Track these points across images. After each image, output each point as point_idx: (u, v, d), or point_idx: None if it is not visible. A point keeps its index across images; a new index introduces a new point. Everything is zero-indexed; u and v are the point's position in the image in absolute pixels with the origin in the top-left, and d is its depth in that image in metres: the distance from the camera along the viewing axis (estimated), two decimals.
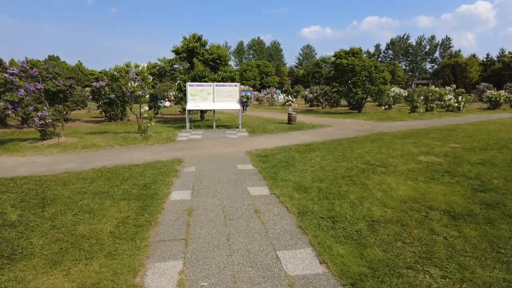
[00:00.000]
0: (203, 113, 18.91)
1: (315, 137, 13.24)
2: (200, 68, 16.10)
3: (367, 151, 10.01)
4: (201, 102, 15.31)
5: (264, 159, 9.03)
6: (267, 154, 9.72)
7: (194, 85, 15.28)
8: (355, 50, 25.36)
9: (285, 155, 9.43)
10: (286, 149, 10.56)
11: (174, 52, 17.61)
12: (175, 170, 7.67)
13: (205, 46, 17.91)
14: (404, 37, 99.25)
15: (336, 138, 12.87)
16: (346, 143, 11.58)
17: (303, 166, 8.01)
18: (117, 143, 11.48)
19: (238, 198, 5.68)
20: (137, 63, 12.32)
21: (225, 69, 16.88)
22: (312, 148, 10.60)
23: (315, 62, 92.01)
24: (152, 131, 13.81)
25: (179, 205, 5.38)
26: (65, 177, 7.07)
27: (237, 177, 7.17)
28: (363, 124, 18.60)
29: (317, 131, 15.45)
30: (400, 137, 13.07)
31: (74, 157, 9.39)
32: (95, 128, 15.86)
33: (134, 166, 8.11)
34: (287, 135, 14.17)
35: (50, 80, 13.41)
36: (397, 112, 27.19)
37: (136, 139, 12.11)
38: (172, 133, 13.93)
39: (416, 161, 8.65)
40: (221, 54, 16.78)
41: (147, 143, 11.72)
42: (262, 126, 16.51)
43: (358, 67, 24.15)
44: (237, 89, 15.48)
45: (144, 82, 12.57)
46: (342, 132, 15.01)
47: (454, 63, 71.63)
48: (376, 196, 5.74)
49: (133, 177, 7.03)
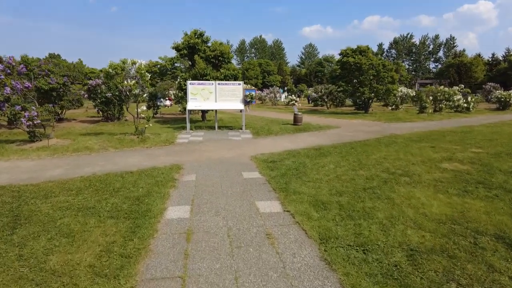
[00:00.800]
0: (205, 113, 18.06)
1: (324, 140, 12.38)
2: (201, 66, 15.23)
3: (384, 157, 9.14)
4: (202, 102, 14.46)
5: (272, 165, 8.18)
6: (274, 159, 8.87)
7: (195, 83, 14.43)
8: (362, 48, 24.43)
9: (295, 161, 8.58)
10: (295, 153, 9.71)
11: (174, 49, 16.72)
12: (173, 179, 6.82)
13: (207, 42, 17.02)
14: (407, 36, 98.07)
15: (347, 141, 12.01)
16: (359, 147, 10.72)
17: (316, 175, 7.15)
18: (112, 146, 10.64)
19: (246, 217, 4.83)
20: (134, 59, 11.48)
21: (228, 67, 16.00)
22: (323, 153, 9.74)
23: (318, 61, 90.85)
24: (150, 133, 12.97)
25: (175, 225, 4.53)
26: (48, 187, 6.23)
27: (243, 188, 6.31)
28: (372, 125, 17.73)
29: (325, 132, 14.59)
30: (415, 140, 12.21)
31: (63, 162, 8.55)
32: (90, 128, 15.03)
33: (128, 173, 7.26)
34: (294, 137, 13.32)
35: (42, 77, 12.57)
36: (405, 112, 26.28)
37: (132, 142, 11.27)
38: (172, 135, 13.09)
39: (441, 169, 7.78)
40: (224, 51, 15.90)
41: (144, 145, 10.88)
42: (267, 127, 15.65)
43: (365, 65, 23.25)
44: (240, 88, 14.63)
45: (142, 80, 11.72)
46: (351, 134, 14.14)
47: (459, 62, 70.54)
48: (407, 214, 4.88)
49: (125, 187, 6.19)
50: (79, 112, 23.30)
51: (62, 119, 17.19)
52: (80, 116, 20.93)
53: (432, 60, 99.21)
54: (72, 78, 15.60)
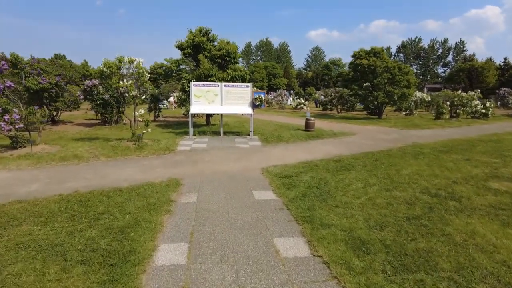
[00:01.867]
0: (209, 117, 16.85)
1: (342, 149, 11.10)
2: (206, 66, 14.04)
3: (417, 172, 7.84)
4: (207, 105, 13.24)
5: (288, 182, 6.91)
6: (289, 173, 7.60)
7: (199, 85, 13.22)
8: (377, 50, 23.10)
9: (314, 176, 7.31)
10: (312, 166, 8.43)
11: (178, 48, 15.53)
12: (168, 201, 5.58)
13: (213, 41, 15.83)
14: (415, 40, 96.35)
15: (368, 151, 10.71)
16: (384, 159, 9.42)
17: (344, 197, 5.87)
18: (105, 154, 9.45)
19: (263, 265, 3.56)
20: (131, 57, 10.31)
21: (235, 67, 14.79)
22: (345, 166, 8.45)
23: (325, 64, 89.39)
24: (149, 139, 11.77)
25: (166, 279, 3.28)
26: (14, 211, 5.02)
27: (256, 215, 5.06)
28: (389, 132, 16.38)
29: (340, 140, 13.29)
30: (444, 151, 10.88)
31: (44, 174, 7.36)
32: (85, 133, 13.88)
33: (116, 191, 6.04)
34: (307, 145, 12.04)
35: (33, 77, 11.45)
36: (420, 118, 24.87)
37: (128, 149, 10.07)
38: (173, 141, 11.87)
39: (491, 190, 6.47)
40: (231, 50, 14.68)
41: (141, 154, 9.67)
42: (276, 133, 14.39)
43: (379, 68, 21.92)
44: (249, 91, 13.39)
45: (141, 79, 10.54)
46: (370, 142, 12.84)
47: (470, 67, 68.80)
48: (480, 263, 3.59)
49: (108, 212, 4.96)
50: (77, 114, 22.19)
51: (57, 122, 16.08)
52: (78, 118, 19.80)
53: (440, 65, 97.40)
54: (67, 77, 14.44)
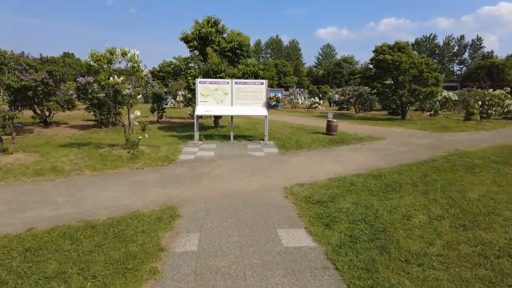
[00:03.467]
0: (218, 118, 15.08)
1: (376, 159, 9.22)
2: (214, 60, 12.26)
3: (489, 195, 5.94)
4: (215, 106, 11.47)
5: (323, 211, 5.10)
6: (322, 196, 5.79)
7: (206, 82, 11.45)
8: (402, 44, 20.97)
9: (356, 202, 5.48)
10: (348, 184, 6.60)
11: (183, 40, 13.79)
12: (157, 250, 3.82)
13: (222, 33, 14.05)
14: (430, 37, 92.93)
15: (409, 162, 8.81)
16: (433, 174, 7.51)
17: (409, 240, 4.03)
18: (90, 166, 7.76)
19: None
20: (124, 48, 8.60)
21: (247, 62, 12.97)
22: (390, 185, 6.59)
23: (336, 62, 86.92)
24: (147, 145, 10.06)
25: None
26: None
27: (288, 281, 3.25)
28: (420, 136, 14.37)
29: (370, 146, 11.39)
30: (500, 162, 8.94)
31: (3, 197, 5.69)
32: (77, 137, 12.25)
33: (86, 229, 4.31)
34: (333, 153, 10.19)
35: (13, 73, 9.85)
36: (446, 119, 22.71)
37: (119, 159, 8.36)
38: (174, 148, 10.14)
39: None
40: (243, 42, 12.85)
41: (134, 165, 7.96)
42: (294, 137, 12.54)
43: (405, 64, 19.82)
44: (263, 89, 11.56)
45: (136, 75, 8.82)
46: (405, 149, 10.90)
47: (490, 64, 65.52)
48: None
49: (60, 276, 3.22)
50: (76, 114, 20.59)
51: (49, 124, 14.53)
52: (75, 119, 18.19)
53: (456, 62, 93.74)
54: (60, 74, 12.86)
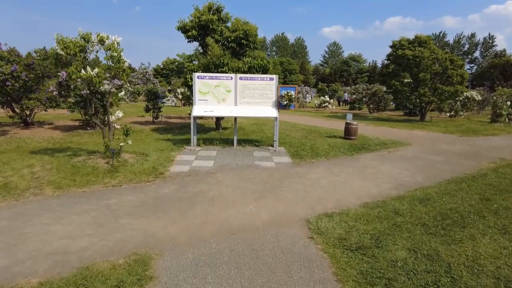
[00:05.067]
0: (220, 119, 13.35)
1: (411, 172, 7.42)
2: (216, 52, 10.51)
3: None
4: (215, 105, 9.73)
5: (370, 267, 3.35)
6: (362, 238, 4.04)
7: (205, 77, 9.71)
8: (423, 39, 19.04)
9: (411, 246, 3.71)
10: (391, 213, 4.82)
11: (180, 30, 12.05)
12: None
13: (226, 22, 12.30)
14: (440, 35, 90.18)
15: (452, 176, 7.01)
16: (496, 196, 5.72)
17: None
18: (55, 182, 6.06)
19: None
20: (102, 34, 6.88)
21: (254, 54, 11.21)
22: (446, 214, 4.81)
23: (343, 60, 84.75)
24: (133, 152, 8.34)
25: None
26: None
27: None
28: (449, 140, 12.49)
29: (397, 154, 9.58)
30: None
31: None
32: (56, 140, 10.57)
33: None
34: (357, 163, 8.40)
35: None
36: (470, 121, 20.79)
37: (94, 172, 6.65)
38: (166, 156, 8.40)
39: None
40: (249, 31, 11.07)
41: (111, 181, 6.23)
42: (308, 142, 10.77)
43: (428, 60, 17.91)
44: (273, 85, 9.79)
45: (116, 67, 7.08)
46: (440, 158, 9.10)
47: (504, 62, 63.00)
48: None
49: None
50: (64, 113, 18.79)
51: (31, 124, 12.86)
52: (63, 119, 16.44)
53: (467, 61, 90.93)
54: (41, 68, 11.18)
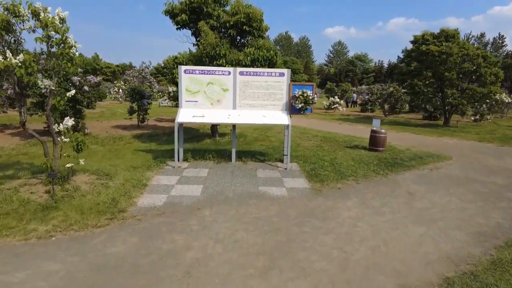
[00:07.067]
0: (215, 124, 11.06)
1: (477, 206, 5.16)
2: (210, 40, 8.24)
3: None
4: (208, 108, 7.50)
5: None
6: None
7: (195, 71, 7.48)
8: (450, 33, 16.71)
9: None
10: None
11: (168, 14, 9.77)
12: None
13: (224, 6, 10.04)
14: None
15: None
16: None
17: None
18: None
19: None
20: (36, 5, 4.66)
21: (259, 44, 8.91)
22: None
23: (349, 60, 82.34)
24: (94, 173, 6.11)
25: None
26: None
27: None
28: (492, 152, 10.17)
29: (441, 173, 7.31)
30: None
31: None
32: (5, 152, 8.36)
33: None
34: (398, 189, 6.13)
35: None
36: (498, 125, 18.42)
37: (20, 210, 4.42)
38: (138, 178, 6.15)
39: None
40: (252, 15, 8.78)
41: (38, 228, 3.99)
42: (327, 155, 8.49)
43: (457, 57, 15.59)
44: (284, 83, 7.55)
45: (59, 52, 4.88)
46: (502, 180, 6.87)
47: None
48: None
49: None
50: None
51: None
52: (35, 121, 14.14)
53: None
54: None
